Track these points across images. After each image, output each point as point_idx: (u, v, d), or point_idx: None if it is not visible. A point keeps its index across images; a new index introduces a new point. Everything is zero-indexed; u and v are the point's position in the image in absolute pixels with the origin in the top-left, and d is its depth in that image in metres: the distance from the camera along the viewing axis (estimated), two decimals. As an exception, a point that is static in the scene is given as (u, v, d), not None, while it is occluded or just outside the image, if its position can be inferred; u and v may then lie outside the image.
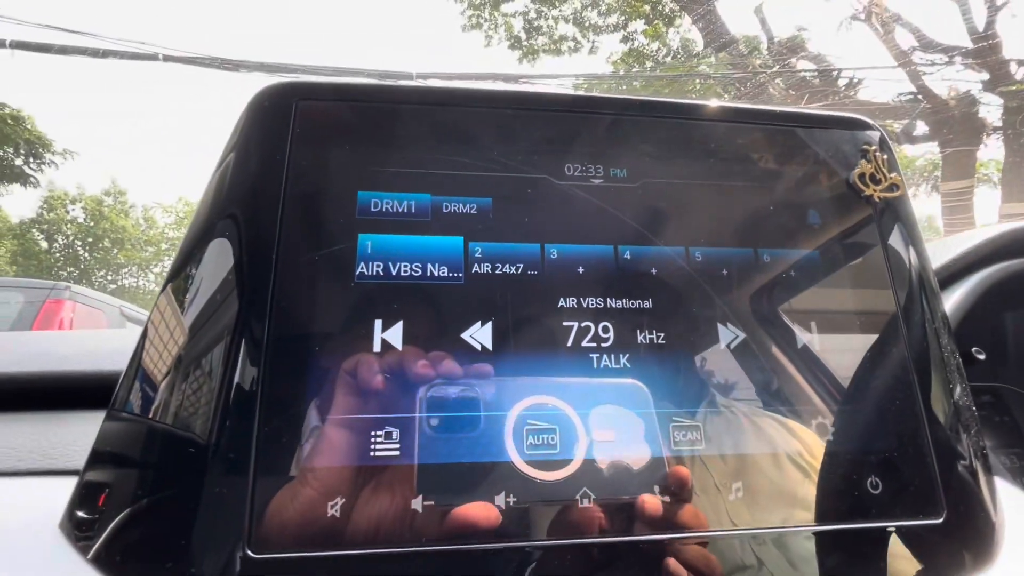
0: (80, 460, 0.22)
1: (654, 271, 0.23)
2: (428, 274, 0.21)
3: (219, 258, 0.21)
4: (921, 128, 6.83)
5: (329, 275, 0.20)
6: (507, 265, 0.22)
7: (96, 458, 0.20)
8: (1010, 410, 0.37)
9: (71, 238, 17.65)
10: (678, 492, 0.19)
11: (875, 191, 0.25)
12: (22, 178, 7.96)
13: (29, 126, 7.68)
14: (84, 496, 0.19)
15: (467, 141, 0.23)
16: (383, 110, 0.23)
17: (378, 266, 0.21)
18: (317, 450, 0.18)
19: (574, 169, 0.24)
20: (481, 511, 0.18)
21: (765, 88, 5.93)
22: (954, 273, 0.37)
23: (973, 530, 0.21)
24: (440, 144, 0.23)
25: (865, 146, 0.26)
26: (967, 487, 0.22)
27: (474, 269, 0.22)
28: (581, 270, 0.22)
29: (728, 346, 0.22)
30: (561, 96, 0.25)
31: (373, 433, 0.19)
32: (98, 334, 0.48)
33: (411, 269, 0.21)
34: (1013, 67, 5.86)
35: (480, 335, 0.21)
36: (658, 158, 0.24)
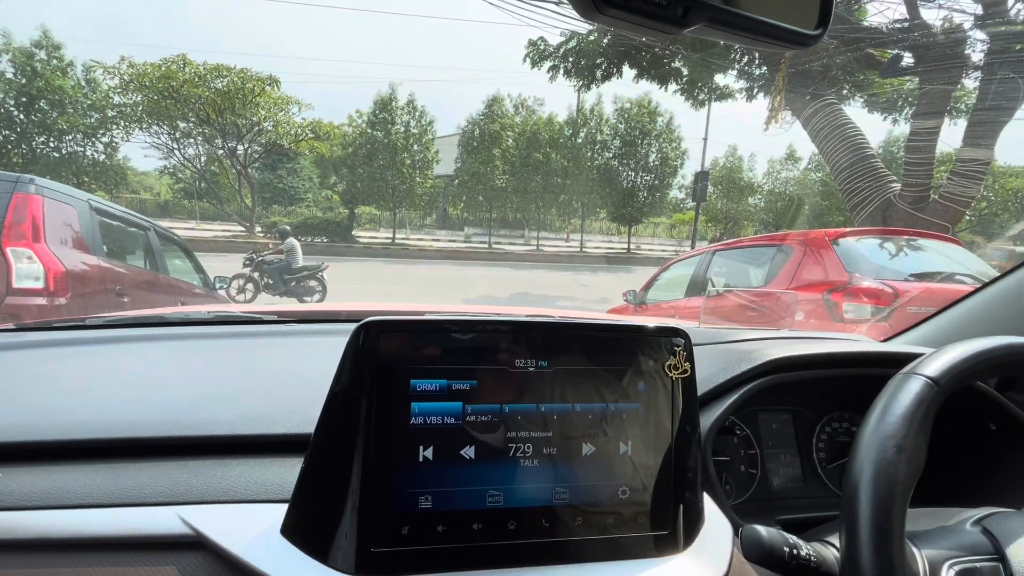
0: (275, 494, 0.45)
1: (555, 417, 0.46)
2: (444, 422, 0.44)
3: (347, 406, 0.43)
4: (908, 59, 6.76)
5: (397, 421, 0.43)
6: (483, 416, 0.45)
7: (299, 492, 0.43)
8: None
9: (1, 96, 15.84)
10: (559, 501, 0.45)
11: (674, 374, 0.48)
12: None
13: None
14: (295, 515, 0.43)
15: (466, 349, 0.45)
16: (424, 337, 0.44)
17: (419, 418, 0.44)
18: (399, 495, 0.42)
19: (520, 363, 0.46)
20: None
21: None
22: (740, 382, 0.62)
23: (690, 532, 0.48)
24: (453, 351, 0.45)
25: (675, 347, 0.49)
26: (688, 509, 0.48)
27: (467, 418, 0.45)
28: (519, 417, 0.46)
29: (585, 455, 0.47)
30: (517, 323, 0.46)
31: (419, 492, 0.43)
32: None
33: (436, 419, 0.44)
34: (1010, 2, 5.75)
35: (468, 451, 0.44)
36: (563, 355, 0.47)
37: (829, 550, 0.47)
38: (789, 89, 6.69)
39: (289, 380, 0.67)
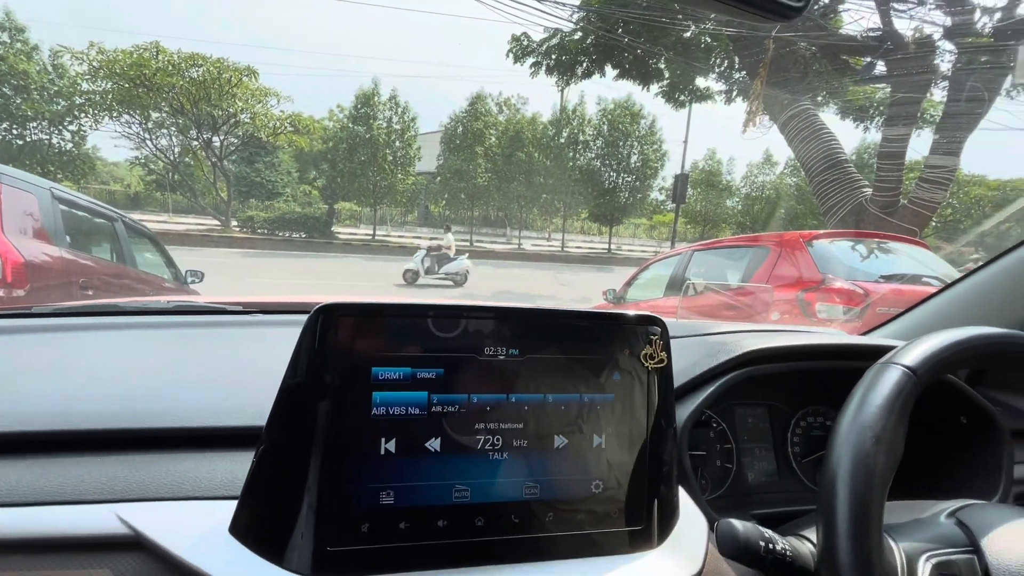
0: (224, 490, 0.42)
1: (526, 408, 0.44)
2: (408, 412, 0.42)
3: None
4: (880, 68, 6.94)
5: (357, 412, 0.40)
6: (449, 406, 0.42)
7: (250, 488, 0.40)
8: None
9: (-41, 79, 15.15)
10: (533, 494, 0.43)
11: (651, 364, 0.47)
12: None
13: None
14: (245, 512, 0.40)
15: (433, 336, 0.42)
16: (387, 323, 0.41)
17: (381, 409, 0.41)
18: (359, 491, 0.40)
19: (490, 351, 0.44)
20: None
21: None
22: (717, 372, 0.61)
23: (665, 527, 0.47)
24: (418, 338, 0.42)
25: (651, 336, 0.47)
26: (663, 504, 0.47)
27: (433, 409, 0.42)
28: (488, 408, 0.43)
29: (557, 447, 0.45)
30: (486, 308, 0.44)
31: (381, 487, 0.40)
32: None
33: (399, 409, 0.41)
34: (977, 15, 5.95)
35: (433, 444, 0.42)
36: (535, 343, 0.44)
37: (805, 544, 0.46)
38: (767, 93, 6.80)
39: (246, 371, 0.64)
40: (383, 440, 0.41)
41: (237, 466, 0.46)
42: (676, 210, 18.47)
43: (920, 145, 6.22)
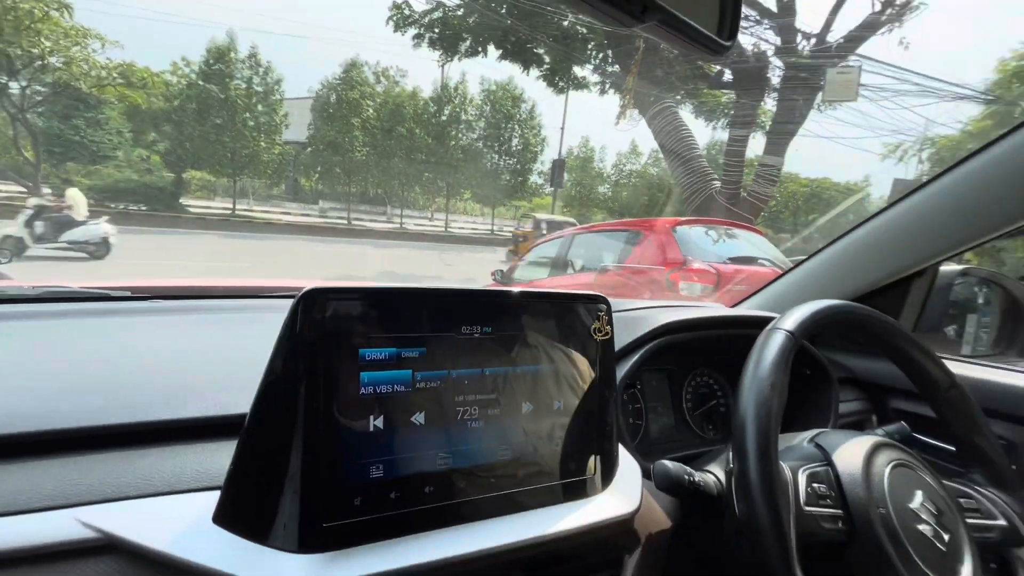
0: (196, 483, 0.41)
1: (498, 380, 0.49)
2: (394, 390, 0.44)
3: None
4: (727, 76, 7.92)
5: (347, 392, 0.42)
6: (432, 382, 0.45)
7: (235, 474, 0.39)
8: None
9: None
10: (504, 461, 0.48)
11: (599, 336, 0.54)
12: None
13: None
14: (230, 499, 0.39)
15: (414, 317, 0.45)
16: (373, 306, 0.43)
17: (369, 388, 0.43)
18: (350, 467, 0.41)
19: (466, 330, 0.47)
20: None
21: None
22: (640, 342, 0.72)
23: (608, 474, 0.55)
24: (401, 320, 0.44)
25: (599, 312, 0.54)
26: (606, 456, 0.55)
27: (417, 385, 0.45)
28: (466, 382, 0.47)
29: (525, 413, 0.50)
30: (462, 291, 0.47)
31: (371, 461, 0.42)
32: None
33: (386, 388, 0.43)
34: (799, 38, 7.07)
35: (418, 418, 0.45)
36: (506, 321, 0.49)
37: (708, 476, 0.58)
38: (637, 90, 7.42)
39: (176, 361, 0.59)
40: (371, 417, 0.43)
41: (206, 457, 0.44)
42: (554, 194, 19.38)
43: (758, 145, 7.28)
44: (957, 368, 0.75)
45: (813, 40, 6.82)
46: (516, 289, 0.51)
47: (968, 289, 1.01)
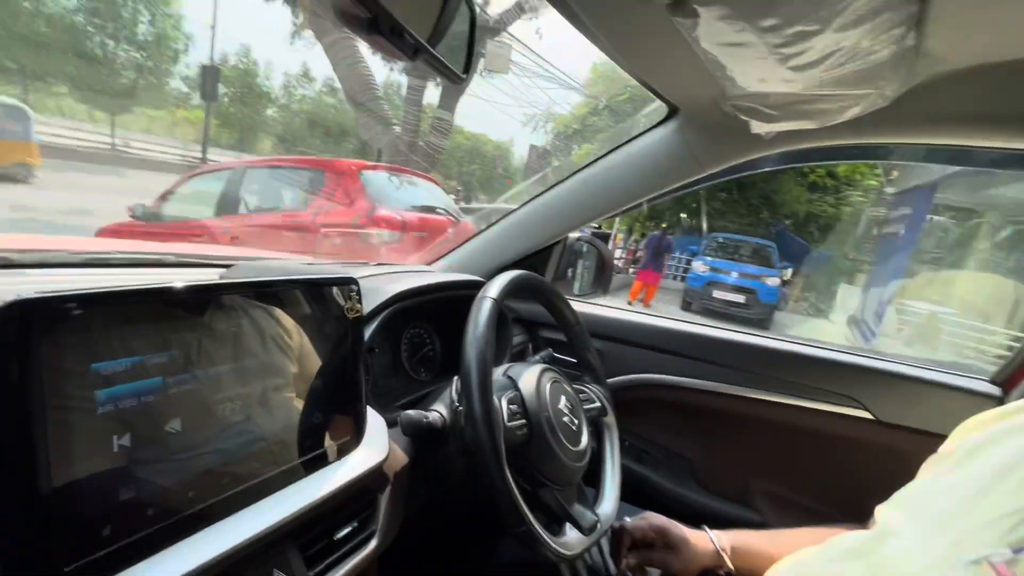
0: None
1: (253, 371, 0.48)
2: (141, 402, 0.39)
3: None
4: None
5: (81, 415, 0.35)
6: (184, 385, 0.42)
7: None
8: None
9: None
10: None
11: (351, 315, 0.59)
12: None
13: None
14: None
15: (157, 319, 0.40)
16: (100, 312, 0.36)
17: (109, 406, 0.37)
18: (93, 497, 0.36)
19: (219, 324, 0.45)
20: None
21: None
22: (376, 311, 0.79)
23: (360, 432, 0.62)
24: (140, 323, 0.39)
25: (351, 293, 0.59)
26: (358, 417, 0.62)
27: (170, 392, 0.41)
28: (224, 377, 0.45)
29: (285, 397, 0.52)
30: (210, 285, 0.44)
31: (118, 484, 0.38)
32: None
33: (130, 401, 0.38)
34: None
35: (174, 425, 0.41)
36: (256, 312, 0.49)
37: (434, 414, 0.73)
38: (316, 13, 6.77)
39: None
40: (116, 438, 0.37)
41: None
42: (208, 109, 16.00)
43: (431, 96, 7.81)
44: (577, 307, 1.12)
45: (478, 11, 7.65)
46: (268, 279, 0.50)
47: (581, 248, 1.46)
